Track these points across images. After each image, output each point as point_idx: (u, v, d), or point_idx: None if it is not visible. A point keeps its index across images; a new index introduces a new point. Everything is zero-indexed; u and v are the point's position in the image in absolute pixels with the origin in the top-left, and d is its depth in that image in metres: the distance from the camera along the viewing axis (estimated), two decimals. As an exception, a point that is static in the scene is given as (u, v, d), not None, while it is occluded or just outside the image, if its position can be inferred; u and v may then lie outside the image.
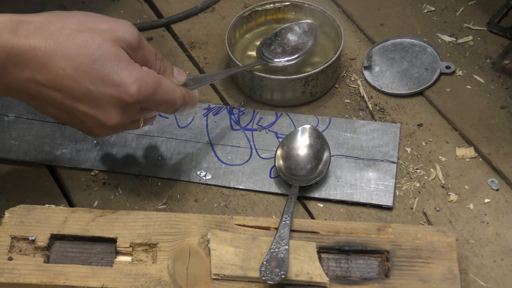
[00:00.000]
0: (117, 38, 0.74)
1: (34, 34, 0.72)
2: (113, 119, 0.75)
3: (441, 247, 0.77)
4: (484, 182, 0.87)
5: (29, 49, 0.71)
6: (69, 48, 0.72)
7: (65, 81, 0.72)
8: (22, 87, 0.73)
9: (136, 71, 0.75)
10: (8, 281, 0.76)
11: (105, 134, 0.79)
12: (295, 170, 0.87)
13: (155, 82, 0.76)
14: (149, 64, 0.78)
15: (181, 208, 0.86)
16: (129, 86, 0.74)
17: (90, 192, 0.88)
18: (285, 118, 0.94)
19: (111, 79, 0.73)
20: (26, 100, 0.76)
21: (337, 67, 0.97)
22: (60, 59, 0.72)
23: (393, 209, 0.85)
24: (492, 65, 0.98)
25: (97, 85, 0.73)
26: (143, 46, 0.77)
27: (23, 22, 0.72)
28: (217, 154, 0.91)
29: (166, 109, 0.79)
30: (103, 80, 0.73)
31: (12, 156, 0.91)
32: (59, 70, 0.72)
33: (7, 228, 0.80)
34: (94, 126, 0.77)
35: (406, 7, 1.06)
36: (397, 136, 0.91)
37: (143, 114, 0.80)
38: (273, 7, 1.01)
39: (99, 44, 0.73)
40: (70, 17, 0.74)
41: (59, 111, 0.76)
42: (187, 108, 0.82)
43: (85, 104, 0.74)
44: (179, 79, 0.82)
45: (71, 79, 0.72)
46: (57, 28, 0.73)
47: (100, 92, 0.73)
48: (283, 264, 0.75)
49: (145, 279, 0.76)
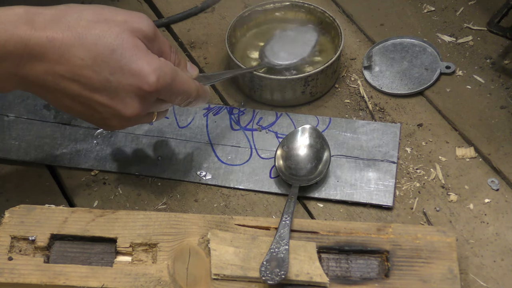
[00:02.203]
0: (133, 29, 0.74)
1: (51, 25, 0.71)
2: (130, 109, 0.75)
3: (441, 247, 0.77)
4: (484, 182, 0.87)
5: (47, 41, 0.71)
6: (87, 39, 0.72)
7: (83, 71, 0.72)
8: (39, 80, 0.73)
9: (154, 61, 0.74)
10: (8, 281, 0.76)
11: (121, 126, 0.78)
12: (295, 170, 0.87)
13: (172, 72, 0.76)
14: (164, 55, 0.78)
15: (181, 208, 0.86)
16: (148, 75, 0.74)
17: (90, 192, 0.88)
18: (285, 118, 0.94)
19: (130, 69, 0.73)
20: (42, 94, 0.75)
21: (337, 67, 0.97)
22: (78, 49, 0.72)
23: (393, 209, 0.85)
24: (492, 65, 0.98)
25: (116, 75, 0.73)
26: (158, 37, 0.77)
27: (39, 13, 0.72)
28: (217, 154, 0.91)
29: (181, 100, 0.79)
30: (122, 69, 0.73)
31: (12, 156, 0.91)
32: (77, 61, 0.72)
33: (7, 228, 0.80)
34: (110, 118, 0.76)
35: (406, 7, 1.06)
36: (397, 136, 0.91)
37: (158, 106, 0.79)
38: (273, 7, 1.01)
39: (117, 34, 0.73)
40: (86, 9, 0.74)
41: (75, 103, 0.75)
42: (200, 102, 0.82)
43: (103, 94, 0.74)
44: (192, 72, 0.82)
45: (90, 69, 0.72)
46: (74, 19, 0.72)
47: (119, 82, 0.73)
48: (283, 264, 0.75)
49: (145, 279, 0.76)
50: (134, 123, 0.79)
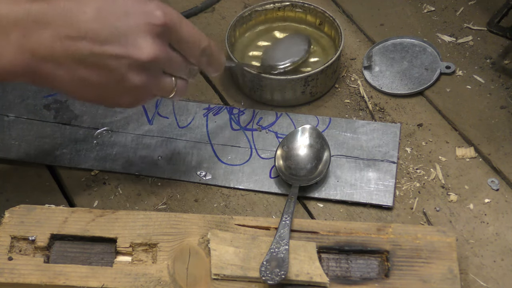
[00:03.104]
0: None
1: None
2: (146, 51, 0.73)
3: (441, 247, 0.77)
4: (484, 182, 0.87)
5: (48, 6, 0.71)
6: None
7: (89, 25, 0.72)
8: (48, 49, 0.72)
9: (158, 2, 0.74)
10: (8, 281, 0.76)
11: (141, 80, 0.75)
12: (295, 170, 0.87)
13: (179, 15, 0.75)
14: None
15: (181, 208, 0.86)
16: (154, 11, 0.73)
17: (90, 192, 0.88)
18: (285, 118, 0.94)
19: (135, 10, 0.73)
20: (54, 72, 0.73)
21: (337, 67, 0.97)
22: (80, 5, 0.72)
23: (393, 209, 0.85)
24: (492, 65, 0.98)
25: (122, 20, 0.72)
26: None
27: None
28: (217, 154, 0.91)
29: (193, 49, 0.77)
30: (127, 13, 0.73)
31: (12, 156, 0.91)
32: (81, 16, 0.71)
33: (7, 228, 0.80)
34: (128, 72, 0.74)
35: (406, 7, 1.06)
36: (397, 136, 0.91)
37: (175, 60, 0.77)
38: (273, 7, 1.01)
39: None
40: None
41: (89, 70, 0.73)
42: (214, 62, 0.81)
43: (114, 44, 0.73)
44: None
45: (95, 22, 0.72)
46: None
47: (127, 26, 0.72)
48: (283, 264, 0.75)
49: (145, 279, 0.76)
50: (155, 83, 0.76)
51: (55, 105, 0.95)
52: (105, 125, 0.94)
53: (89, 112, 0.95)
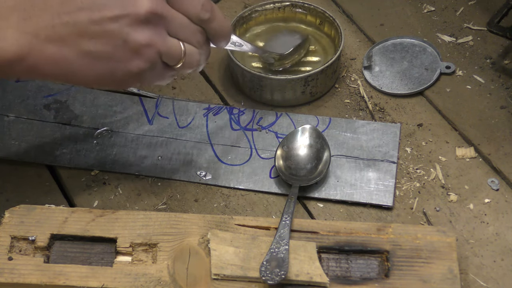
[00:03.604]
0: None
1: None
2: (142, 3, 0.72)
3: (441, 247, 0.77)
4: (484, 182, 0.87)
5: None
6: None
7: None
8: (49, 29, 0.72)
9: None
10: (8, 281, 0.76)
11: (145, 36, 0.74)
12: (295, 170, 0.87)
13: None
14: None
15: (181, 208, 0.86)
16: None
17: (90, 192, 0.88)
18: (285, 118, 0.94)
19: None
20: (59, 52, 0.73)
21: (337, 67, 0.97)
22: None
23: (393, 209, 0.85)
24: (492, 65, 0.98)
25: None
26: None
27: None
28: (217, 154, 0.91)
29: (193, 4, 0.76)
30: None
31: (12, 156, 0.91)
32: None
33: (7, 228, 0.80)
34: (130, 31, 0.73)
35: (406, 7, 1.06)
36: (397, 136, 0.91)
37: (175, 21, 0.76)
38: (273, 7, 1.01)
39: None
40: None
41: (93, 41, 0.73)
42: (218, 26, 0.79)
43: (111, 7, 0.72)
44: None
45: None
46: None
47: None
48: (283, 264, 0.75)
49: (145, 279, 0.76)
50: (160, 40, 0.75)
51: (55, 105, 0.96)
52: (105, 125, 0.94)
53: (89, 112, 0.95)
